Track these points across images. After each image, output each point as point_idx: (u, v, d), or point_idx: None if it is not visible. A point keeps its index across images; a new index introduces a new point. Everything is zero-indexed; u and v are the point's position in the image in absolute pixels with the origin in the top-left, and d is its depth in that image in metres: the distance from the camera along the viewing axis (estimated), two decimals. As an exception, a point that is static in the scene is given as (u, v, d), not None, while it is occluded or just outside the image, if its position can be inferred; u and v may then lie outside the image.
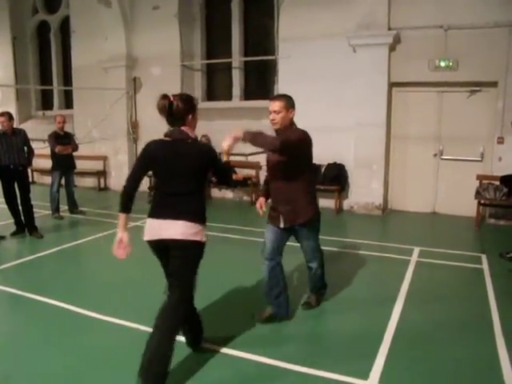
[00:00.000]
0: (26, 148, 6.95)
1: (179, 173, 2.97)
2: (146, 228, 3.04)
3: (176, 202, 2.96)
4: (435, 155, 8.43)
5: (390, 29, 8.08)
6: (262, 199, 4.29)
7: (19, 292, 4.68)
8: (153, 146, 3.04)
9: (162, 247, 3.01)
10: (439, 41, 7.81)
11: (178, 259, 2.98)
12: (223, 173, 3.27)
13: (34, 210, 7.07)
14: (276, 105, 3.71)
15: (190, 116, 3.02)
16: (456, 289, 4.86)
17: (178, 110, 2.97)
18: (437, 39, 7.83)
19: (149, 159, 3.02)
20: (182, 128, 3.00)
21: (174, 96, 2.99)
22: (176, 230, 2.92)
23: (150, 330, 3.73)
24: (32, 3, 13.08)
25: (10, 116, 6.74)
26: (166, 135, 3.03)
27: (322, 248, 6.17)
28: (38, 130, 11.26)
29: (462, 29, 7.65)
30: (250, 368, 3.24)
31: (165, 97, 2.99)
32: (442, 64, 7.83)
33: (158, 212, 3.01)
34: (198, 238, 2.96)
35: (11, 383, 3.09)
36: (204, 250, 3.05)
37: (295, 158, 3.66)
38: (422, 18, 7.89)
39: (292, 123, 3.80)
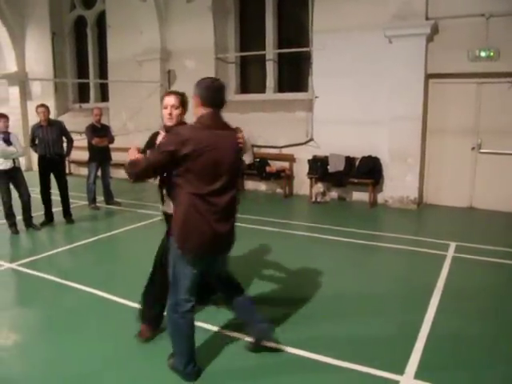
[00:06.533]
0: (64, 138, 7.24)
1: None
2: None
3: None
4: (473, 148, 8.20)
5: (427, 18, 7.87)
6: None
7: (59, 280, 4.84)
8: None
9: None
10: (480, 30, 7.53)
11: None
12: None
13: (72, 200, 7.27)
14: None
15: None
16: (494, 286, 4.74)
17: None
18: (477, 28, 7.56)
19: None
20: None
21: None
22: None
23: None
24: (70, -1, 13.39)
25: (47, 107, 7.11)
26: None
27: (355, 241, 6.15)
28: (74, 123, 11.51)
29: (505, 16, 7.36)
30: (292, 362, 3.26)
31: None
32: (483, 54, 7.55)
33: None
34: None
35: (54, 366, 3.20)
36: None
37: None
38: (461, 7, 7.63)
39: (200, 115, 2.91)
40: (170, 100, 3.22)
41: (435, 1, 7.84)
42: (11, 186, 6.64)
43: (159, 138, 3.31)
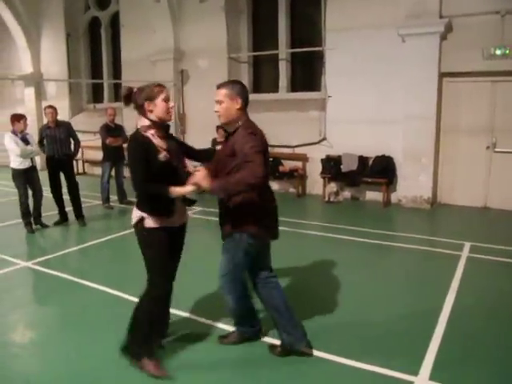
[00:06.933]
0: (72, 139, 7.32)
1: None
2: None
3: None
4: (488, 148, 8.12)
5: (441, 17, 7.81)
6: None
7: (73, 278, 4.89)
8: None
9: None
10: (495, 27, 7.46)
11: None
12: None
13: (85, 199, 7.32)
14: (219, 93, 3.01)
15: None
16: (509, 286, 4.69)
17: None
18: (492, 26, 7.49)
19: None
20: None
21: None
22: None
23: (190, 316, 3.87)
24: (84, 0, 13.51)
25: (55, 108, 7.19)
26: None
27: (368, 241, 6.08)
28: (89, 123, 11.62)
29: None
30: (304, 361, 3.25)
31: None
32: (498, 52, 7.46)
33: None
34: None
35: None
36: (150, 238, 3.17)
37: None
38: (476, 4, 7.56)
39: (240, 117, 3.04)
40: (169, 93, 3.14)
41: (449, -2, 7.78)
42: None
43: (156, 141, 2.93)
